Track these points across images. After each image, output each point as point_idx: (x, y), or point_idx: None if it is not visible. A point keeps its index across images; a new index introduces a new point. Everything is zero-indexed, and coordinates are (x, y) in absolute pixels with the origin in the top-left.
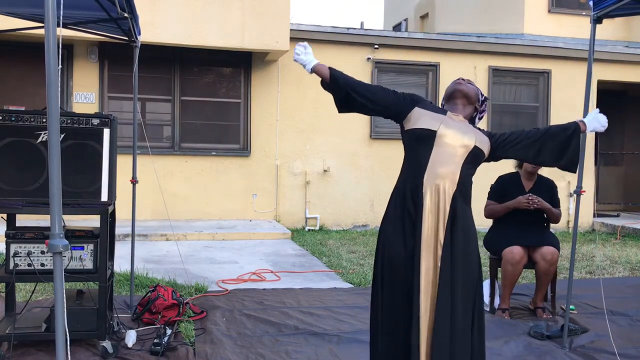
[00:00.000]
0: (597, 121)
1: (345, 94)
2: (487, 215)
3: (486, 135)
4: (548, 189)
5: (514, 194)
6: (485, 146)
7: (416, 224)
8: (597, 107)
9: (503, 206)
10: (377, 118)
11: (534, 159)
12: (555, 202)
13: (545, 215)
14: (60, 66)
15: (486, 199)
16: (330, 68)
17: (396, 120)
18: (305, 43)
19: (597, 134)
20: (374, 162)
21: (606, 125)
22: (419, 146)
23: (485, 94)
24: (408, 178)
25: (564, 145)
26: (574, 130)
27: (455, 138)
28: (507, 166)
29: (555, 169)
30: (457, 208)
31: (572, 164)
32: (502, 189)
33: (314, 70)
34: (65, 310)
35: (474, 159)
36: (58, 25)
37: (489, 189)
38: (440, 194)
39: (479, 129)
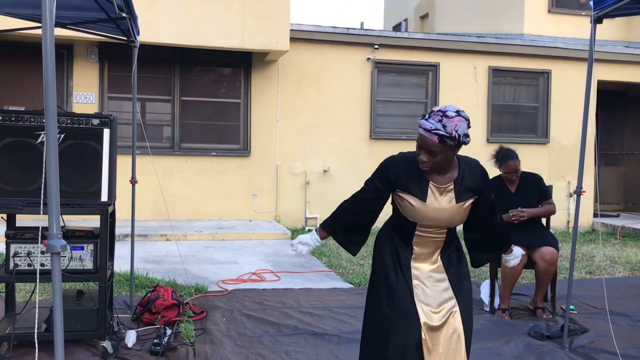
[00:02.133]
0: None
1: (348, 229)
2: None
3: (473, 188)
4: (535, 186)
5: (500, 198)
6: (468, 200)
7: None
8: (597, 107)
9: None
10: (377, 118)
11: (466, 235)
12: (545, 195)
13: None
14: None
15: None
16: (322, 227)
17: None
18: (296, 245)
19: (597, 134)
20: (374, 162)
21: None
22: (402, 221)
23: (485, 95)
24: (398, 226)
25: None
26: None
27: (437, 223)
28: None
29: (553, 168)
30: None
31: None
32: None
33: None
34: (62, 310)
35: (462, 213)
36: (57, 26)
37: None
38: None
39: (469, 170)
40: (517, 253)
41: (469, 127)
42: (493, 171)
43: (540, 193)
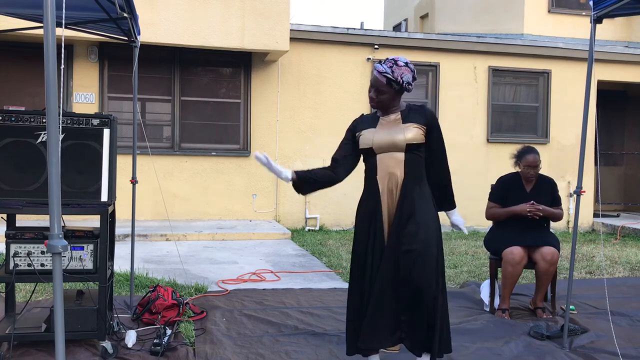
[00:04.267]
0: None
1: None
2: (489, 217)
3: (421, 120)
4: (549, 189)
5: (515, 195)
6: (418, 134)
7: (377, 208)
8: (597, 107)
9: (506, 211)
10: None
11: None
12: (557, 201)
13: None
14: (63, 66)
15: (487, 200)
16: (296, 174)
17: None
18: (264, 154)
19: (597, 134)
20: None
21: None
22: (367, 159)
23: (485, 95)
24: (367, 179)
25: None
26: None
27: (386, 143)
28: (506, 166)
29: (553, 168)
30: (407, 188)
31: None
32: (502, 190)
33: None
34: (63, 310)
35: (413, 148)
36: (58, 26)
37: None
38: (393, 182)
39: (413, 113)
40: (459, 219)
41: (414, 78)
42: (506, 168)
43: (553, 198)
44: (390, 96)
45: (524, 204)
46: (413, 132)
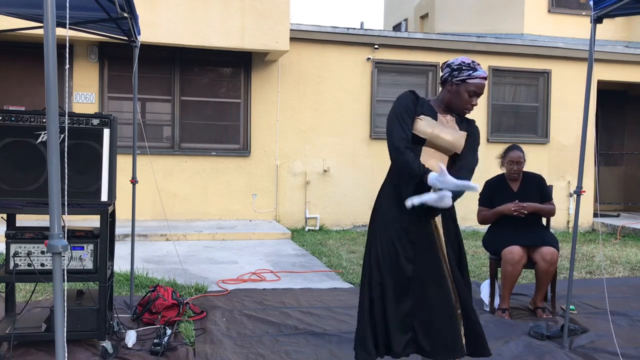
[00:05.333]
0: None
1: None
2: (480, 221)
3: (466, 129)
4: (537, 185)
5: (502, 196)
6: (464, 133)
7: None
8: (597, 107)
9: (493, 212)
10: (377, 118)
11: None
12: (547, 197)
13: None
14: (67, 65)
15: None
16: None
17: None
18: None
19: (597, 134)
20: (374, 162)
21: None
22: (415, 145)
23: (485, 94)
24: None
25: None
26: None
27: (446, 142)
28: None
29: (553, 168)
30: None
31: None
32: (490, 193)
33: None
34: (65, 310)
35: (454, 155)
36: (59, 26)
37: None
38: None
39: (463, 121)
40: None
41: None
42: (493, 171)
43: (542, 194)
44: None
45: (509, 203)
46: (463, 143)
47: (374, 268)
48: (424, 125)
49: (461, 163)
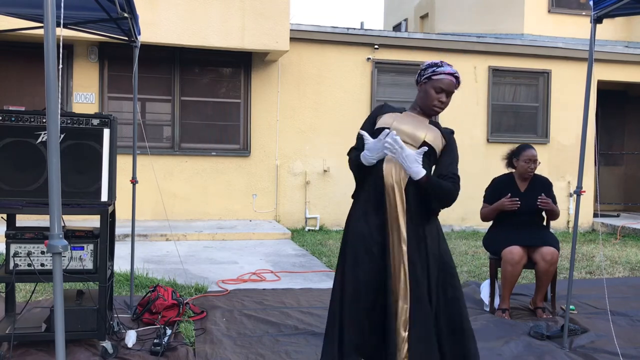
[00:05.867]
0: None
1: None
2: (482, 218)
3: (443, 135)
4: (544, 188)
5: (509, 195)
6: (438, 139)
7: (379, 207)
8: (597, 107)
9: (491, 208)
10: None
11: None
12: (552, 200)
13: (544, 214)
14: (61, 65)
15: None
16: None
17: None
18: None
19: (597, 134)
20: None
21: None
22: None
23: (485, 94)
24: (371, 170)
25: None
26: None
27: (405, 132)
28: (493, 170)
29: (553, 168)
30: (410, 194)
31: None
32: (495, 191)
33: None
34: (63, 310)
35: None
36: (58, 26)
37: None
38: (396, 180)
39: (439, 127)
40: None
41: None
42: (501, 169)
43: (548, 197)
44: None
45: (503, 198)
46: (434, 135)
47: (338, 272)
48: (386, 117)
49: (439, 172)
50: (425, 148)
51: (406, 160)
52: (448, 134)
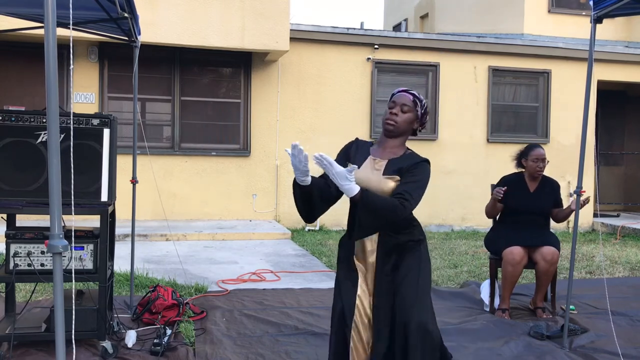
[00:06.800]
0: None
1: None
2: (486, 214)
3: (401, 168)
4: (552, 190)
5: (518, 194)
6: (394, 177)
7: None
8: (597, 107)
9: (490, 204)
10: (377, 118)
11: None
12: (559, 203)
13: (547, 214)
14: (72, 66)
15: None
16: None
17: None
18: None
19: (597, 134)
20: None
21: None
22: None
23: (485, 94)
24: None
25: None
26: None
27: (367, 181)
28: (506, 166)
29: (553, 168)
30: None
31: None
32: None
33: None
34: (64, 310)
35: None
36: (60, 26)
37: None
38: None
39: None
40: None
41: (426, 120)
42: (509, 168)
43: (556, 200)
44: (410, 121)
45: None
46: (391, 185)
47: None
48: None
49: (395, 191)
50: (355, 166)
51: (337, 177)
52: (415, 163)
